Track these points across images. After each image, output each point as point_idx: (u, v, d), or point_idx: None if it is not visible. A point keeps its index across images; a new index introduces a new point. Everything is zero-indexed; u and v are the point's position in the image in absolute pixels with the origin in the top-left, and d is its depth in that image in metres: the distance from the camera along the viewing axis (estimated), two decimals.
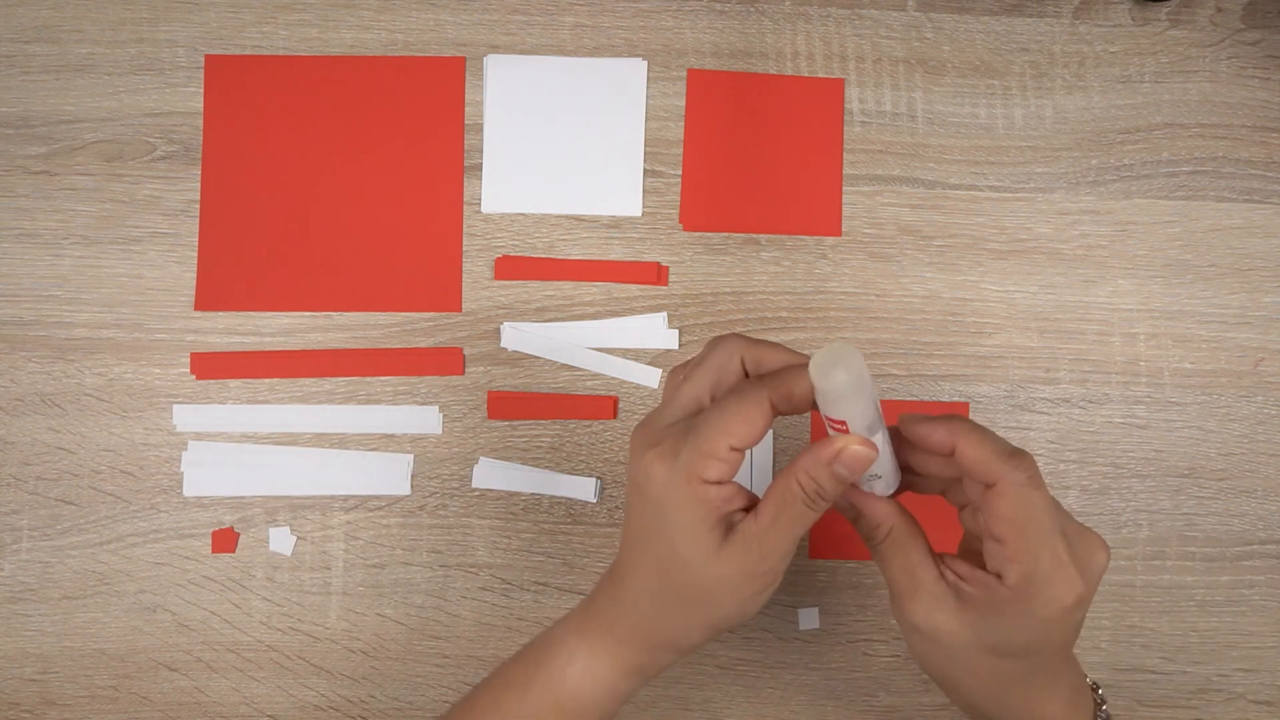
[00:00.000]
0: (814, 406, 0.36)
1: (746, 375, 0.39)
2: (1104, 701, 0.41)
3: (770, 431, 0.55)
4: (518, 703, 0.41)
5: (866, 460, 0.36)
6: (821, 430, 0.37)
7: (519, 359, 0.56)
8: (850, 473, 0.36)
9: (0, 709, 0.53)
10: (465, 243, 0.56)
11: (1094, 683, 0.41)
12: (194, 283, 0.56)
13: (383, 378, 0.55)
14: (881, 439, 0.36)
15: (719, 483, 0.37)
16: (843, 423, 0.35)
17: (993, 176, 0.57)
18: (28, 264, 0.56)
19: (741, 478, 0.56)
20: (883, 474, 0.37)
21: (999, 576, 0.36)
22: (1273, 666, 0.55)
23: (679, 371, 0.40)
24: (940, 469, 0.38)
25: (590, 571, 0.55)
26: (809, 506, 0.36)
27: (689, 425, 0.37)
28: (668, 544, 0.37)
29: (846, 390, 0.34)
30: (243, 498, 0.55)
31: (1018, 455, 0.35)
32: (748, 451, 0.39)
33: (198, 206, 0.56)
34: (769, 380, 0.37)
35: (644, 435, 0.38)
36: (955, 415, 0.37)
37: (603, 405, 0.55)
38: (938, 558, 0.38)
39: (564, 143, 0.57)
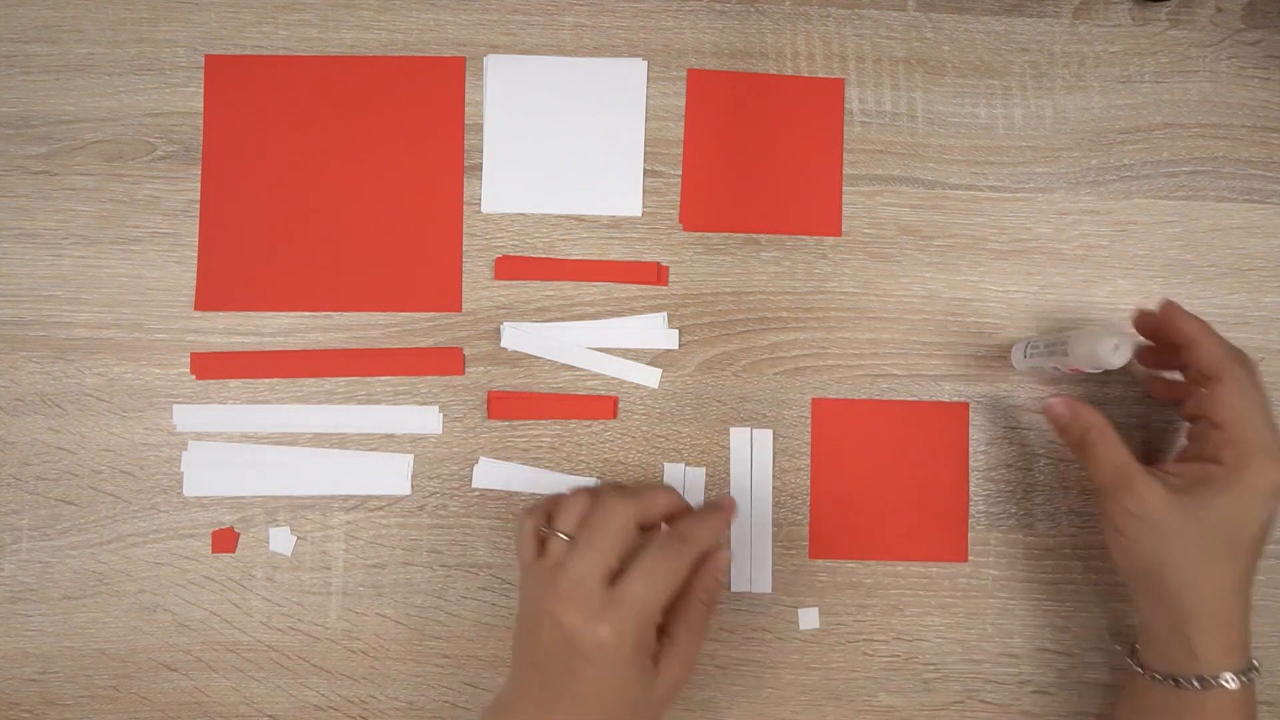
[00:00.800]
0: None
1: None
2: (1257, 665, 0.46)
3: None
4: None
5: (726, 560, 0.48)
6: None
7: (519, 359, 0.56)
8: (722, 573, 0.48)
9: (0, 709, 0.53)
10: (465, 243, 0.56)
11: (1255, 661, 0.46)
12: (194, 283, 0.56)
13: (383, 378, 0.55)
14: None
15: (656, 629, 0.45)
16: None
17: (993, 176, 0.57)
18: (28, 264, 0.56)
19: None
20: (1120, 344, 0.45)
21: (1215, 461, 0.44)
22: (1273, 667, 0.55)
23: (532, 516, 0.48)
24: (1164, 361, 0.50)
25: None
26: (709, 614, 0.47)
27: (629, 600, 0.44)
28: (614, 699, 0.43)
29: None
30: (243, 498, 0.55)
31: (1241, 355, 0.45)
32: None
33: (198, 206, 0.56)
34: (688, 540, 0.46)
35: (578, 604, 0.43)
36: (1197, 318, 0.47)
37: (603, 405, 0.55)
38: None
39: (564, 143, 0.57)
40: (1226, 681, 0.44)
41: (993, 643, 0.55)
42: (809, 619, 0.55)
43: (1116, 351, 0.44)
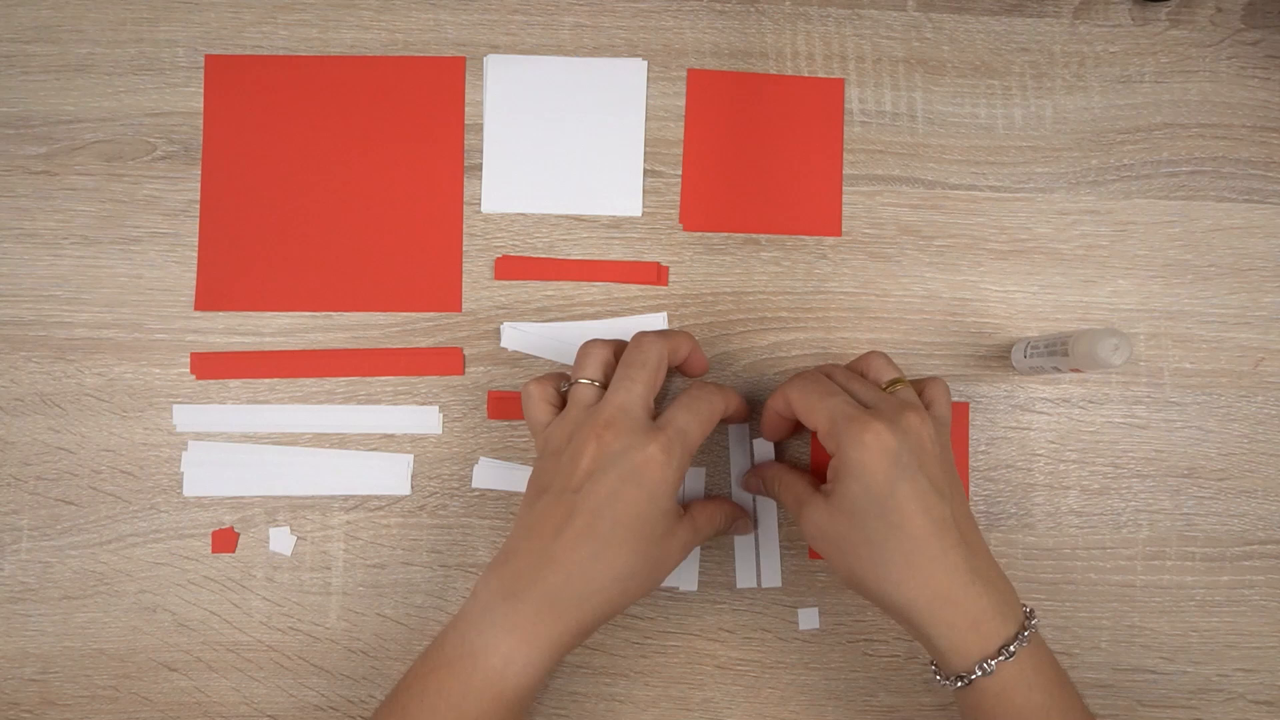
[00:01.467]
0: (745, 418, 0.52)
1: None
2: (1031, 614, 0.45)
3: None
4: (456, 708, 0.43)
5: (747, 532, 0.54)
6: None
7: (519, 359, 0.56)
8: (736, 532, 0.53)
9: (0, 709, 0.53)
10: (465, 243, 0.56)
11: (1028, 607, 0.45)
12: (194, 283, 0.56)
13: (383, 378, 0.55)
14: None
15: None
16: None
17: (993, 176, 0.57)
18: (28, 264, 0.56)
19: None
20: None
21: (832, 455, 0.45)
22: (1273, 666, 0.55)
23: (541, 382, 0.50)
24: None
25: None
26: (718, 528, 0.50)
27: (672, 425, 0.46)
28: (651, 526, 0.45)
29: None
30: (243, 498, 0.55)
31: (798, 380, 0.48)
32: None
33: (198, 206, 0.56)
34: (726, 392, 0.49)
35: (627, 429, 0.45)
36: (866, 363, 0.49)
37: None
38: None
39: (564, 143, 0.57)
40: (983, 669, 0.41)
41: None
42: (809, 619, 0.55)
43: (1116, 351, 0.45)
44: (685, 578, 0.55)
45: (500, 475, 0.55)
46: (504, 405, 0.55)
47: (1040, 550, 0.55)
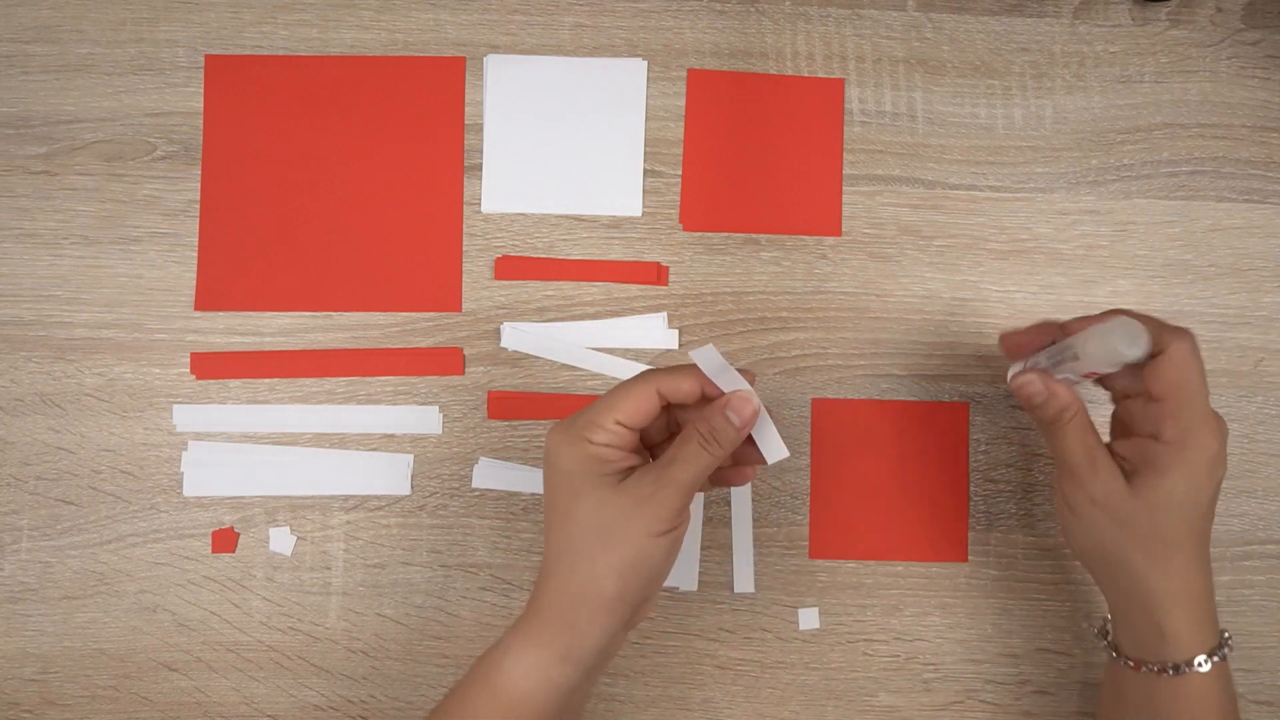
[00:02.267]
0: (698, 400, 0.43)
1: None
2: (1228, 639, 0.46)
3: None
4: (461, 698, 0.43)
5: (750, 406, 0.42)
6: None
7: (519, 359, 0.56)
8: (739, 418, 0.42)
9: (0, 709, 0.53)
10: (465, 243, 0.56)
11: (1225, 632, 0.45)
12: (194, 283, 0.56)
13: (383, 378, 0.55)
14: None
15: (607, 445, 0.42)
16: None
17: (993, 176, 0.57)
18: (28, 264, 0.56)
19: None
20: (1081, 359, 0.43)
21: (1154, 437, 0.43)
22: (1273, 666, 0.55)
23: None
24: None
25: None
26: (703, 446, 0.42)
27: (586, 406, 0.43)
28: (568, 490, 0.42)
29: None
30: (243, 498, 0.55)
31: (1181, 329, 0.43)
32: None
33: (198, 206, 0.56)
34: (659, 374, 0.43)
35: (556, 430, 0.43)
36: (1114, 309, 0.44)
37: None
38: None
39: (564, 143, 0.57)
40: (1200, 665, 0.44)
41: (993, 643, 0.55)
42: (809, 619, 0.55)
43: (1135, 344, 0.41)
44: (685, 578, 0.55)
45: (500, 475, 0.55)
46: (504, 405, 0.55)
47: (1040, 550, 0.55)
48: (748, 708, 0.54)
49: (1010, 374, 0.49)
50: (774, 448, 0.43)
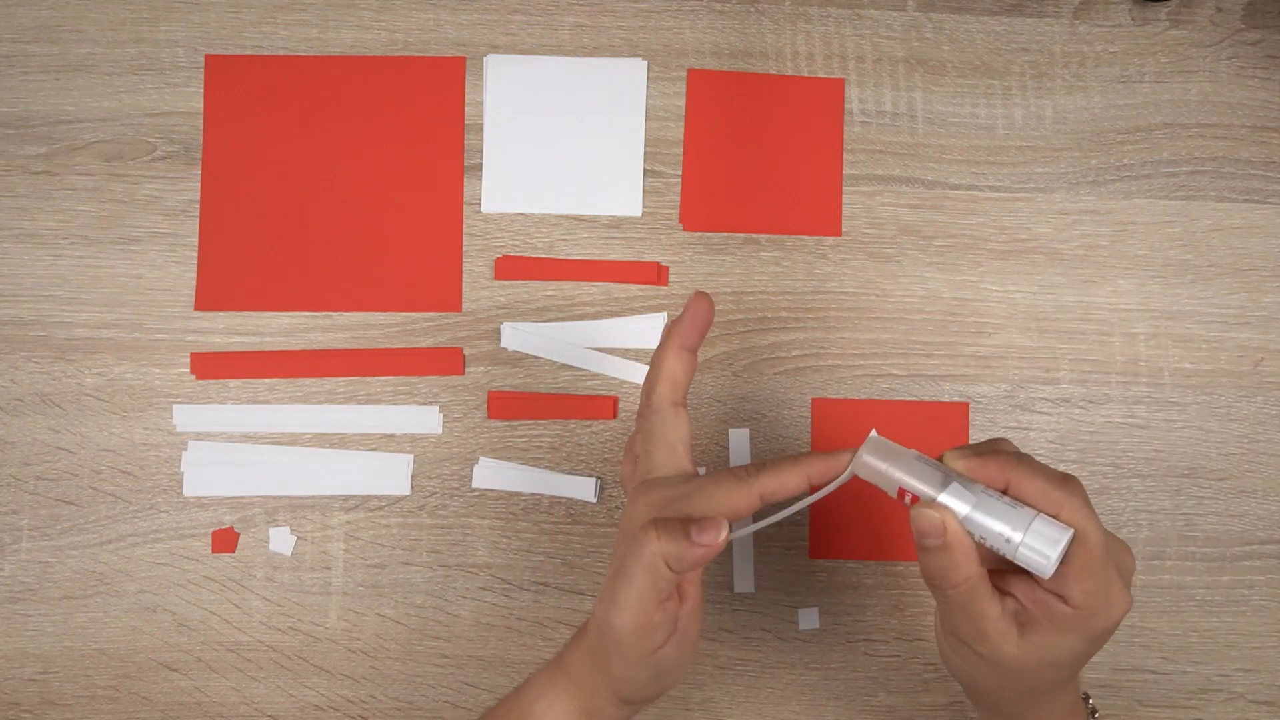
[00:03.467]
0: (793, 498, 0.39)
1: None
2: (1095, 710, 0.43)
3: None
4: None
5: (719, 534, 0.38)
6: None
7: (519, 359, 0.56)
8: (707, 540, 0.38)
9: (0, 709, 0.53)
10: (465, 243, 0.56)
11: (1085, 694, 0.43)
12: (194, 283, 0.56)
13: (383, 378, 0.55)
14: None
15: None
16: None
17: (993, 176, 0.57)
18: (28, 264, 0.56)
19: None
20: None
21: (1059, 596, 0.36)
22: (1273, 666, 0.55)
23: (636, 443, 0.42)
24: None
25: (590, 571, 0.55)
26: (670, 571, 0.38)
27: (683, 492, 0.39)
28: (621, 550, 0.39)
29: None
30: (243, 498, 0.55)
31: (1070, 483, 0.36)
32: None
33: (198, 206, 0.56)
34: (765, 473, 0.39)
35: (645, 487, 0.40)
36: (997, 447, 0.38)
37: (603, 405, 0.55)
38: (994, 585, 0.37)
39: (564, 143, 0.57)
40: None
41: None
42: (809, 619, 0.55)
43: (1051, 562, 0.35)
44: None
45: (500, 475, 0.55)
46: (504, 405, 0.55)
47: None
48: (748, 708, 0.54)
49: (921, 500, 0.37)
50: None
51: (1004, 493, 0.37)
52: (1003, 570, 0.37)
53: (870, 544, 0.55)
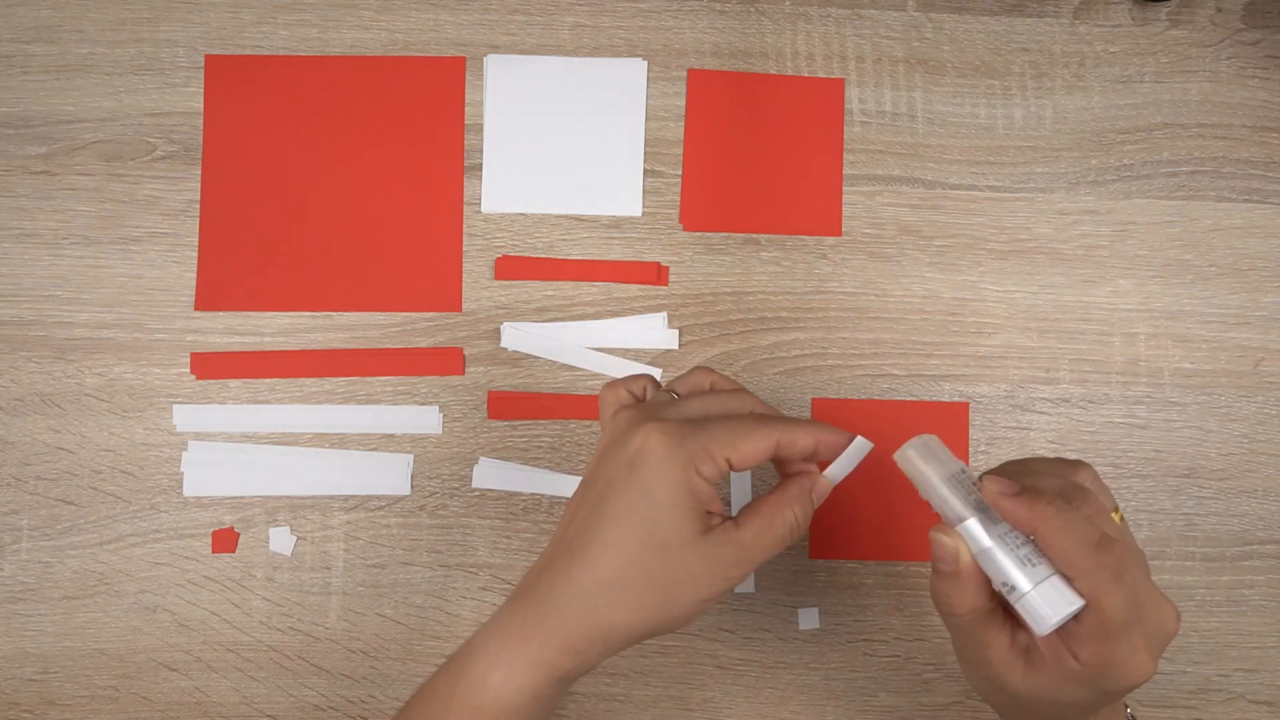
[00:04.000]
0: (806, 461, 0.41)
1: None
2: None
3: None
4: (440, 716, 0.39)
5: (828, 492, 0.40)
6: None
7: (519, 359, 0.56)
8: (820, 499, 0.40)
9: (0, 709, 0.53)
10: (465, 243, 0.56)
11: (1131, 714, 0.42)
12: (194, 283, 0.56)
13: (383, 378, 0.55)
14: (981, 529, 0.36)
15: (711, 482, 0.38)
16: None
17: (993, 176, 0.57)
18: (28, 264, 0.56)
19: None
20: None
21: (1072, 653, 0.35)
22: (1273, 666, 0.55)
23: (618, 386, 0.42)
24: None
25: None
26: (791, 534, 0.39)
27: (698, 423, 0.38)
28: (649, 525, 0.37)
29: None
30: (243, 498, 0.55)
31: (1104, 548, 0.34)
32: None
33: (198, 206, 0.56)
34: (779, 424, 0.39)
35: (645, 411, 0.39)
36: (1038, 485, 0.36)
37: None
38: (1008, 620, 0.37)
39: (564, 143, 0.57)
40: None
41: None
42: (809, 619, 0.55)
43: (1060, 615, 0.35)
44: None
45: (500, 475, 0.55)
46: (504, 405, 0.55)
47: None
48: (748, 708, 0.54)
49: (944, 524, 0.38)
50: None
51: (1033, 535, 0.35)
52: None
53: (870, 544, 0.55)
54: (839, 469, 0.41)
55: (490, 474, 0.55)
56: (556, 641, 0.38)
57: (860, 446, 0.40)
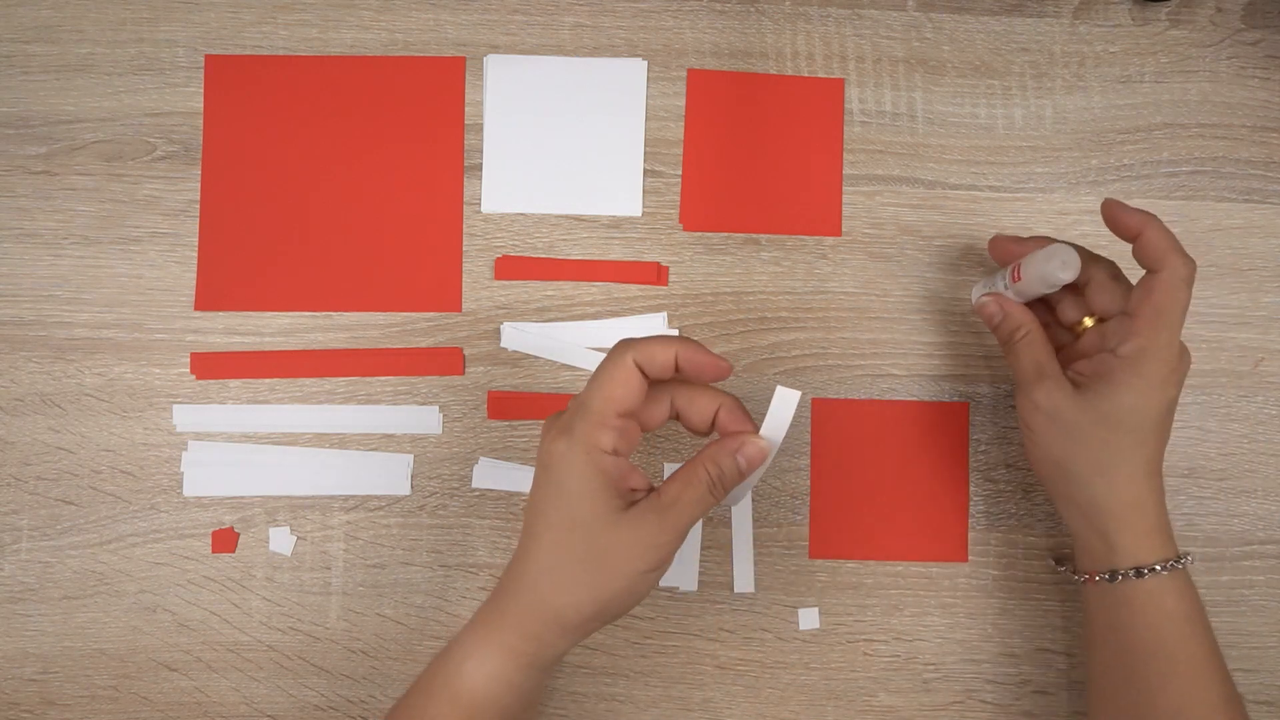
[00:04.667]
0: (673, 371, 0.42)
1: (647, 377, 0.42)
2: (1186, 555, 0.46)
3: None
4: (423, 706, 0.43)
5: (763, 455, 0.42)
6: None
7: (519, 359, 0.56)
8: (749, 464, 0.42)
9: (0, 709, 0.53)
10: (465, 243, 0.56)
11: (1185, 552, 0.46)
12: (194, 283, 0.56)
13: (383, 378, 0.55)
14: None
15: (614, 453, 0.41)
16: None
17: (993, 176, 0.57)
18: (28, 264, 0.56)
19: None
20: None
21: (1112, 352, 0.44)
22: (1273, 666, 0.55)
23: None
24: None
25: None
26: (710, 492, 0.42)
27: (580, 403, 0.42)
28: (567, 511, 0.41)
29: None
30: (243, 498, 0.55)
31: (1187, 257, 0.44)
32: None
33: (198, 206, 0.56)
34: (632, 345, 0.41)
35: (551, 419, 0.43)
36: (1048, 237, 0.47)
37: None
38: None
39: (564, 143, 0.57)
40: (1145, 572, 0.44)
41: (993, 643, 0.55)
42: (809, 619, 0.55)
43: (1065, 267, 0.45)
44: (685, 578, 0.55)
45: (500, 475, 0.55)
46: (504, 405, 0.55)
47: (1041, 550, 0.55)
48: (748, 708, 0.54)
49: (974, 295, 0.52)
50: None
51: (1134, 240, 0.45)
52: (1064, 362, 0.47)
53: (870, 544, 0.55)
54: (769, 426, 0.42)
55: (490, 474, 0.55)
56: (517, 629, 0.42)
57: (784, 398, 0.42)
